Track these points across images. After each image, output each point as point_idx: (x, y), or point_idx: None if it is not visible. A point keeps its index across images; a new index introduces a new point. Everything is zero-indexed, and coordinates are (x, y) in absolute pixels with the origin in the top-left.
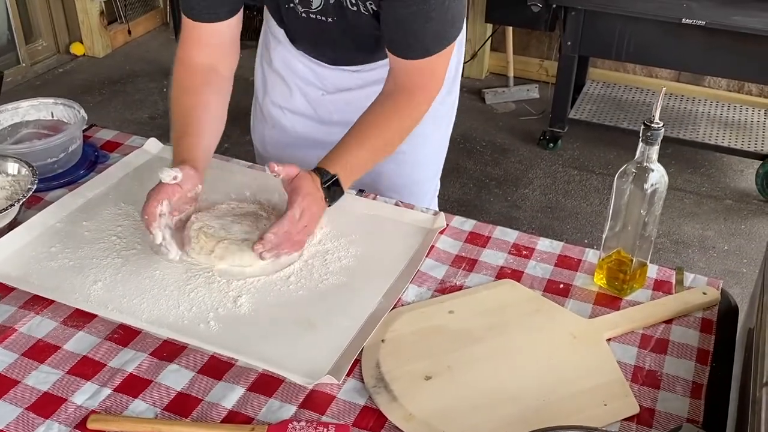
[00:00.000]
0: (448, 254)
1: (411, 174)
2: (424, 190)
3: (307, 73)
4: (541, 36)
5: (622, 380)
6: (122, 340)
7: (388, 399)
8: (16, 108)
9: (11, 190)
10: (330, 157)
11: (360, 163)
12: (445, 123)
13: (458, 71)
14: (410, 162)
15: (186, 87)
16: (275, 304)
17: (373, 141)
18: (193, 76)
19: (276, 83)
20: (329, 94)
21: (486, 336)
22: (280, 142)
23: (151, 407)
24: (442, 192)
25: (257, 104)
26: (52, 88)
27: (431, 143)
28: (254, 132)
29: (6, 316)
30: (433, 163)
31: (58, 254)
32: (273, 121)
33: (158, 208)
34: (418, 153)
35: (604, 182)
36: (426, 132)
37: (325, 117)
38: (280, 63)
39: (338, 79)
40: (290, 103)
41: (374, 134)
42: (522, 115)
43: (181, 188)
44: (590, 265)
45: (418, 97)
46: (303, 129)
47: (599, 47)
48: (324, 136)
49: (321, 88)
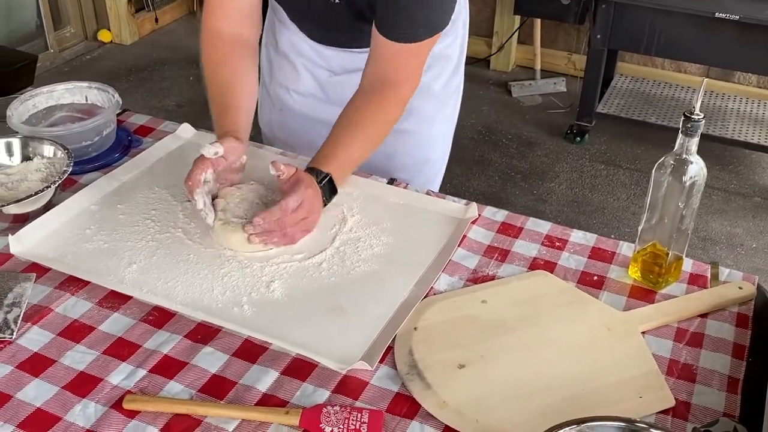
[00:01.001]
0: (480, 244)
1: (419, 153)
2: (434, 170)
3: (313, 55)
4: (569, 29)
5: (657, 373)
6: (157, 322)
7: (421, 386)
8: (51, 91)
9: (47, 172)
10: (321, 156)
11: (351, 160)
12: (452, 103)
13: (463, 52)
14: (418, 142)
15: (218, 58)
16: (307, 289)
17: (362, 137)
18: (223, 45)
19: (283, 65)
20: (337, 75)
21: (519, 326)
22: (288, 125)
23: (186, 389)
24: (466, 184)
25: (264, 88)
26: (79, 75)
27: (438, 123)
28: (261, 116)
29: (42, 297)
30: (441, 143)
31: (93, 236)
32: (280, 103)
33: (202, 176)
34: (426, 133)
35: (631, 177)
36: (432, 111)
37: (334, 98)
38: (286, 45)
39: (344, 61)
40: (298, 84)
41: (363, 130)
42: (549, 108)
43: (225, 160)
44: (624, 258)
45: (403, 88)
46: (311, 110)
47: (629, 41)
48: (331, 117)
49: (328, 69)
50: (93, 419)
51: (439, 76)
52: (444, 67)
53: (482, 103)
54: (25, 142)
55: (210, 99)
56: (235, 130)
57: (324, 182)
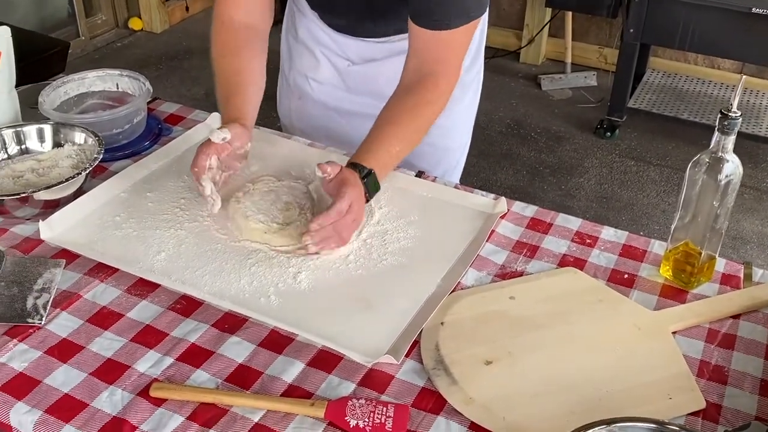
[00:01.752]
0: (508, 239)
1: (438, 142)
2: (454, 159)
3: (331, 44)
4: (601, 22)
5: (688, 374)
6: (185, 311)
7: (448, 382)
8: (83, 78)
9: (77, 159)
10: (363, 152)
11: (393, 156)
12: (472, 90)
13: (482, 40)
14: (437, 130)
15: (227, 47)
16: (334, 281)
17: (403, 134)
18: (233, 35)
19: (302, 54)
20: (355, 65)
21: (548, 323)
22: (307, 113)
23: (213, 378)
24: (493, 178)
25: (283, 77)
26: (110, 62)
27: (458, 111)
28: (280, 105)
29: (71, 283)
30: (461, 132)
31: (123, 224)
32: (299, 91)
33: (207, 162)
34: (445, 122)
35: (662, 174)
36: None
37: (353, 87)
38: (305, 34)
39: (362, 50)
40: (317, 73)
41: (404, 127)
42: (579, 102)
43: (230, 146)
44: (656, 257)
45: (442, 82)
46: (330, 99)
47: (662, 35)
48: (351, 106)
49: (346, 58)
50: (120, 406)
51: None
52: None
53: (511, 96)
54: (57, 128)
55: (216, 85)
56: (241, 116)
57: (367, 178)
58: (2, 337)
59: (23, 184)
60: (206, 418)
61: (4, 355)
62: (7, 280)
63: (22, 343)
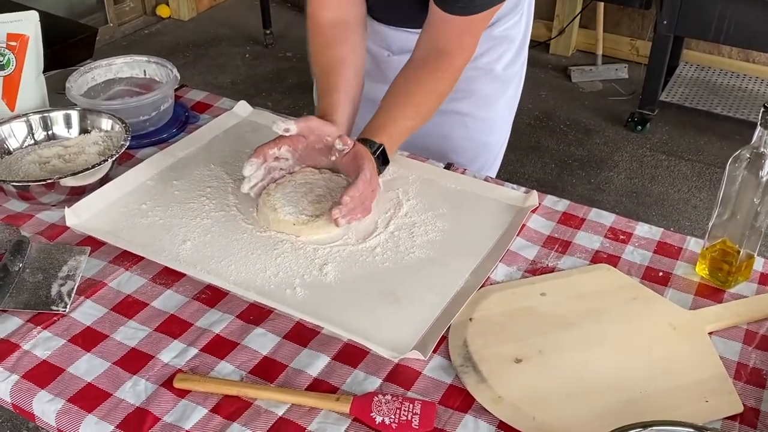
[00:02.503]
0: (539, 234)
1: (477, 137)
2: (492, 155)
3: (372, 34)
4: (633, 13)
5: (725, 376)
6: (209, 301)
7: (476, 379)
8: (110, 64)
9: (104, 145)
10: (373, 127)
11: (403, 132)
12: (513, 86)
13: (527, 35)
14: (476, 125)
15: (321, 45)
16: (360, 274)
17: (414, 108)
18: (325, 32)
19: None
20: (395, 55)
21: (580, 322)
22: None
23: (237, 370)
24: (521, 170)
25: None
26: (137, 49)
27: (498, 106)
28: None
29: (96, 270)
30: (501, 128)
31: (149, 212)
32: None
33: (273, 150)
34: (485, 116)
35: (693, 169)
36: (492, 94)
37: (391, 77)
38: None
39: (403, 41)
40: None
41: (413, 100)
42: (610, 95)
43: (305, 139)
44: (691, 254)
45: (456, 59)
46: (368, 91)
47: (697, 28)
48: None
49: (386, 48)
50: (143, 397)
51: (501, 58)
52: (507, 49)
53: (540, 88)
54: (84, 114)
55: (315, 83)
56: (329, 113)
57: (377, 153)
58: (26, 324)
59: (49, 170)
60: (230, 411)
61: (27, 343)
62: (32, 266)
63: (46, 330)
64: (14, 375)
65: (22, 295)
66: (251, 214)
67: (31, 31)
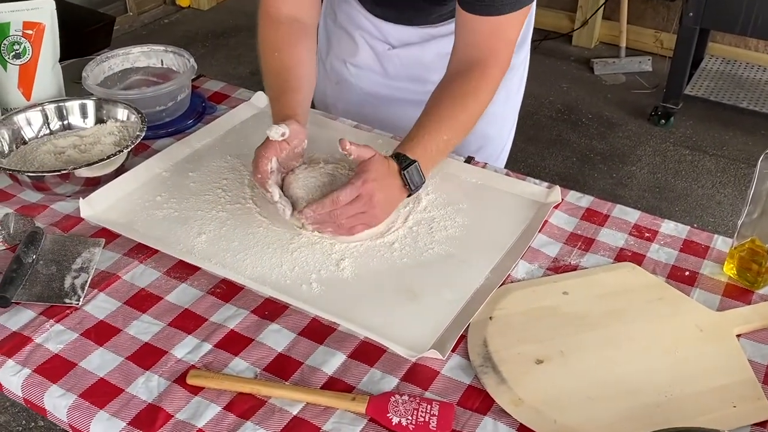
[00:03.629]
0: (562, 231)
1: (478, 128)
2: (497, 147)
3: (371, 28)
4: (658, 5)
5: (753, 381)
6: (224, 296)
7: (496, 381)
8: (127, 54)
9: (120, 135)
10: (408, 143)
11: (440, 148)
12: (517, 78)
13: (530, 24)
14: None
15: (275, 43)
16: (378, 270)
17: (451, 123)
18: (280, 30)
19: (341, 38)
20: (395, 49)
21: (603, 322)
22: (343, 98)
23: (252, 366)
24: (542, 164)
25: (320, 62)
26: (156, 38)
27: (502, 98)
28: (316, 90)
29: (110, 263)
30: (504, 119)
31: (164, 204)
32: (337, 77)
33: (269, 166)
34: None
35: (718, 164)
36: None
37: (391, 72)
38: (344, 18)
39: (403, 35)
40: (356, 57)
41: (452, 116)
42: (633, 88)
43: (288, 144)
44: (719, 253)
45: (491, 69)
46: (368, 84)
47: (723, 20)
48: (389, 91)
49: (386, 42)
50: (156, 393)
51: None
52: None
53: (562, 80)
54: (99, 104)
55: (266, 84)
56: (294, 113)
57: (409, 169)
58: (39, 317)
59: (65, 160)
60: (243, 409)
61: (40, 336)
62: (46, 258)
63: (58, 324)
64: (26, 369)
65: (35, 288)
66: (267, 207)
67: (47, 20)
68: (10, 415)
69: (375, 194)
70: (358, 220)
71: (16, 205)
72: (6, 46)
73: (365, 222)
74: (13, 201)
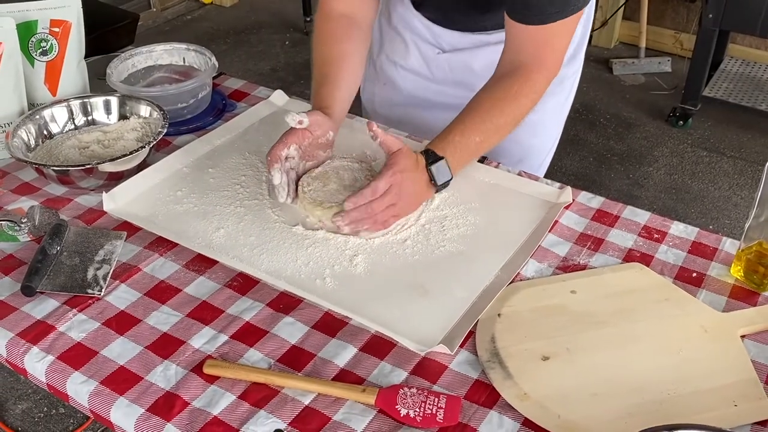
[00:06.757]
0: (572, 231)
1: (524, 139)
2: (538, 159)
3: (423, 32)
4: (678, 6)
5: (756, 381)
6: (241, 289)
7: (502, 376)
8: (150, 51)
9: (142, 132)
10: (439, 140)
11: (471, 148)
12: (567, 89)
13: (585, 36)
14: (523, 127)
15: (326, 37)
16: (390, 266)
17: (486, 125)
18: (329, 24)
19: (393, 39)
20: (445, 53)
21: (610, 321)
22: (390, 100)
23: (266, 357)
24: (559, 164)
25: (371, 61)
26: (179, 34)
27: (549, 108)
28: (364, 90)
29: (131, 255)
30: (550, 131)
31: (184, 199)
32: (385, 77)
33: (284, 151)
34: (531, 117)
35: (735, 166)
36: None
37: (439, 76)
38: (398, 20)
39: (455, 40)
40: (405, 59)
41: (487, 118)
42: (652, 89)
43: (311, 134)
44: (727, 255)
45: (535, 75)
46: (414, 88)
47: (743, 22)
48: (434, 96)
49: (437, 46)
50: (173, 381)
51: None
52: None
53: (581, 80)
54: (123, 101)
55: (312, 73)
56: (328, 105)
57: (436, 165)
58: (62, 306)
59: (89, 155)
60: (257, 398)
61: (63, 325)
62: (70, 250)
63: (81, 313)
64: (50, 356)
65: (59, 278)
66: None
67: (73, 18)
68: (32, 401)
69: (405, 185)
70: (389, 213)
71: (41, 198)
72: (33, 44)
73: (396, 213)
74: (39, 194)
